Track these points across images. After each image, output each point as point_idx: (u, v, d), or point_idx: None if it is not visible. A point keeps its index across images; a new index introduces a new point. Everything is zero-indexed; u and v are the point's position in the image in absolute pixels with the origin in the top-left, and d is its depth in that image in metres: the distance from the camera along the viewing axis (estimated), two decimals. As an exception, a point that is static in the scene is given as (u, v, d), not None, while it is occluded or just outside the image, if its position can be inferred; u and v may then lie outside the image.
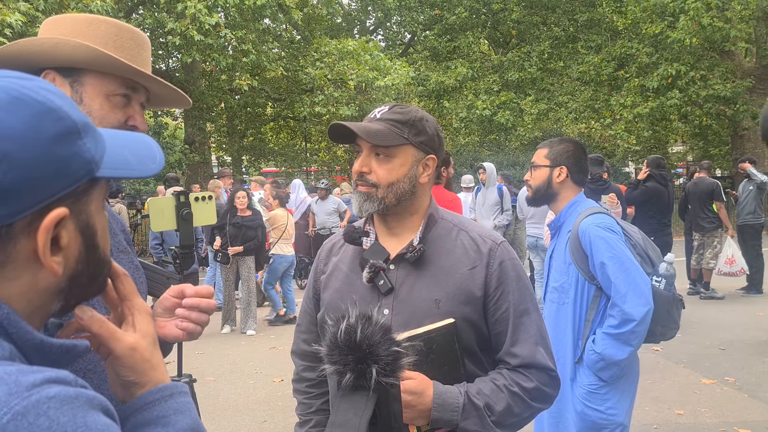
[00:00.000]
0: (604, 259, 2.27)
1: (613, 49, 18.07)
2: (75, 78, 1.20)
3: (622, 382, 2.35)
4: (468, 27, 20.43)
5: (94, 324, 0.82)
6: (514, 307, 1.45)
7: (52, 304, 0.75)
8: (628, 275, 2.24)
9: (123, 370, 0.82)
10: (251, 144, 22.19)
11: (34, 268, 0.71)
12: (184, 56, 12.71)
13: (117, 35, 1.25)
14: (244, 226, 7.12)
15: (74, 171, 0.71)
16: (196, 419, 0.81)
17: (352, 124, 1.41)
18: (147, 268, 1.50)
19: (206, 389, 5.18)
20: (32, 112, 0.68)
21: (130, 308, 0.87)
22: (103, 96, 1.21)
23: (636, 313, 2.22)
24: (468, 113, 18.60)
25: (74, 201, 0.73)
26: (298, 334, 1.71)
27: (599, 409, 2.32)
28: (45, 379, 0.61)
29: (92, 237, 0.77)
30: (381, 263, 1.46)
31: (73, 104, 0.74)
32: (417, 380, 1.33)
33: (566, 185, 2.48)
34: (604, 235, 2.29)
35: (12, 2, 9.40)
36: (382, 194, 1.45)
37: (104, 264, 0.81)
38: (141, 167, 0.82)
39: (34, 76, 0.73)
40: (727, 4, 14.58)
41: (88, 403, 0.62)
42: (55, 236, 0.71)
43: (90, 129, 0.75)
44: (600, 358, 2.28)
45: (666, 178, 7.37)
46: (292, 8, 14.23)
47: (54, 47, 1.17)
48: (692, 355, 5.69)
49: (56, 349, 0.73)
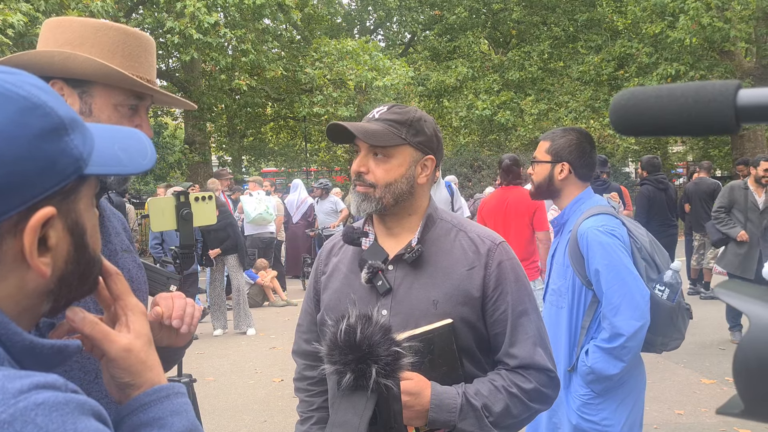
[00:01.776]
0: (599, 266, 2.13)
1: (613, 49, 18.06)
2: (84, 89, 1.20)
3: (620, 392, 2.22)
4: (468, 27, 20.41)
5: (87, 325, 0.79)
6: (512, 307, 1.45)
7: (42, 305, 0.74)
8: (624, 286, 2.09)
9: (118, 371, 0.80)
10: (251, 144, 22.19)
11: (22, 269, 0.68)
12: (183, 55, 12.71)
13: (124, 42, 1.25)
14: (212, 230, 7.01)
15: (62, 168, 0.69)
16: (193, 420, 0.80)
17: (350, 125, 1.41)
18: (147, 268, 1.50)
19: (206, 389, 5.18)
20: (16, 108, 0.65)
21: (123, 308, 0.85)
22: (111, 107, 1.22)
23: (626, 327, 2.07)
24: (468, 113, 18.59)
25: (62, 199, 0.70)
26: (300, 334, 1.71)
27: (593, 420, 2.20)
28: (33, 384, 0.59)
29: (81, 236, 0.75)
30: (379, 264, 1.46)
31: (60, 99, 0.72)
32: (414, 381, 1.33)
33: (570, 181, 2.32)
34: (603, 240, 2.13)
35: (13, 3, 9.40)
36: (379, 194, 1.45)
37: (94, 263, 0.79)
38: (132, 163, 0.79)
39: (18, 70, 0.71)
40: (727, 4, 14.57)
41: (78, 409, 0.60)
42: (42, 236, 0.69)
43: (77, 125, 0.73)
44: (590, 371, 2.16)
45: (662, 180, 7.37)
46: (291, 8, 14.23)
47: (65, 60, 1.16)
48: (692, 355, 5.70)
49: (47, 350, 0.71)
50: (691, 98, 0.50)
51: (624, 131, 0.55)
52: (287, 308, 8.77)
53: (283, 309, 8.74)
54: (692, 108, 0.50)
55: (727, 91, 0.49)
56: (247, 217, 8.86)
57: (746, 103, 0.49)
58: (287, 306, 8.89)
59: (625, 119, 0.54)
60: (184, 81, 15.83)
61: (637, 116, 0.53)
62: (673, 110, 0.51)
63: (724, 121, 0.49)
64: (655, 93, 0.52)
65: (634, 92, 0.54)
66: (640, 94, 0.53)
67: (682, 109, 0.50)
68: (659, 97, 0.52)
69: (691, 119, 0.50)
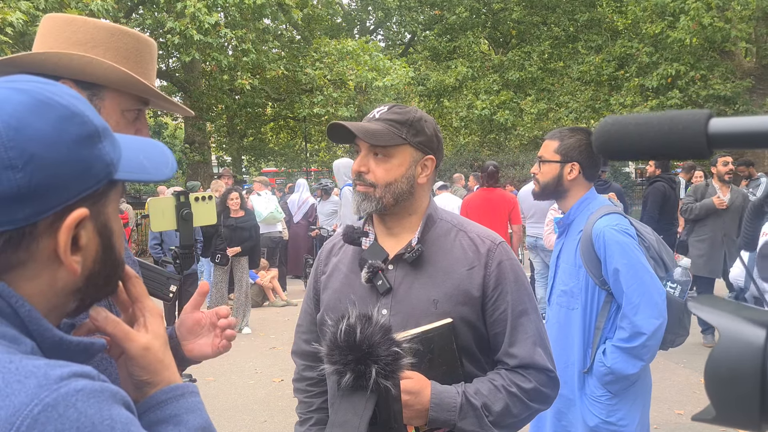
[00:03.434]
0: (619, 265, 2.12)
1: (614, 49, 18.06)
2: (94, 92, 1.21)
3: (632, 391, 2.23)
4: (468, 27, 20.41)
5: (109, 324, 0.83)
6: (512, 307, 1.45)
7: (69, 303, 0.78)
8: (642, 285, 2.09)
9: (136, 369, 0.84)
10: (251, 144, 22.18)
11: (54, 267, 0.73)
12: (183, 55, 12.71)
13: (137, 49, 1.27)
14: (239, 228, 7.10)
15: (95, 173, 0.74)
16: (206, 419, 0.83)
17: (351, 124, 1.42)
18: (147, 268, 1.50)
19: (206, 389, 5.18)
20: (58, 116, 0.71)
21: (141, 309, 0.89)
22: (119, 112, 1.24)
23: (647, 326, 2.08)
24: (468, 113, 18.59)
25: (94, 202, 0.75)
26: (299, 335, 1.71)
27: (610, 421, 2.20)
28: (72, 372, 0.64)
29: (109, 238, 0.79)
30: (379, 263, 1.46)
31: (93, 109, 0.77)
32: (414, 380, 1.33)
33: (577, 182, 2.30)
34: (620, 240, 2.13)
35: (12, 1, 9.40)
36: (380, 194, 1.45)
37: (119, 265, 0.83)
38: (156, 171, 0.85)
39: (57, 82, 0.76)
40: (727, 4, 14.57)
41: (112, 397, 0.65)
42: (74, 236, 0.73)
43: (109, 133, 0.78)
44: (609, 372, 2.16)
45: (674, 179, 7.38)
46: (292, 8, 14.23)
47: (86, 66, 1.17)
48: (692, 355, 5.70)
49: (74, 347, 0.75)
50: (666, 126, 0.55)
51: (608, 155, 0.60)
52: (287, 308, 8.78)
53: (283, 309, 8.74)
54: (668, 135, 0.55)
55: (699, 120, 0.54)
56: (258, 217, 8.90)
57: (717, 131, 0.53)
58: (287, 306, 8.90)
59: (608, 145, 0.59)
60: (184, 81, 15.83)
61: (618, 142, 0.58)
62: (651, 137, 0.56)
63: (697, 148, 0.54)
64: (634, 121, 0.57)
65: (616, 120, 0.59)
66: (621, 122, 0.58)
67: (658, 136, 0.55)
68: (638, 125, 0.57)
69: (668, 144, 0.55)
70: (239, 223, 7.12)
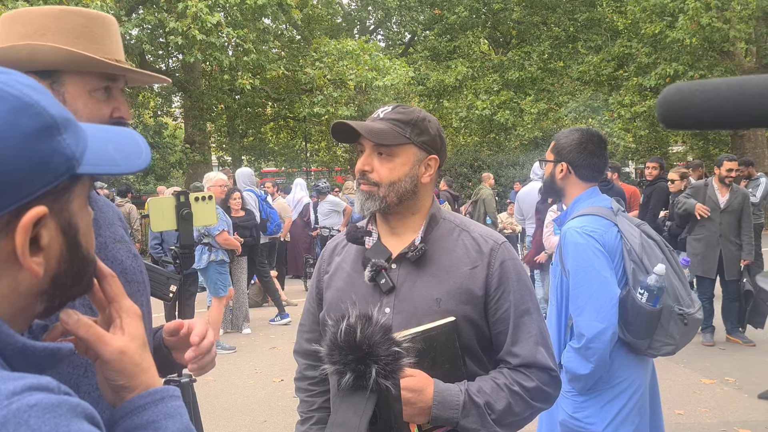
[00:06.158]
0: (570, 267, 2.17)
1: (613, 49, 18.08)
2: (54, 79, 1.17)
3: (608, 393, 2.17)
4: (468, 27, 20.42)
5: (81, 328, 0.79)
6: (514, 306, 1.46)
7: (35, 306, 0.73)
8: (590, 288, 2.10)
9: (112, 374, 0.80)
10: (251, 144, 22.20)
11: (14, 269, 0.68)
12: (187, 56, 12.71)
13: (87, 26, 1.21)
14: (240, 227, 7.10)
15: (54, 168, 0.68)
16: (187, 424, 0.80)
17: (356, 123, 1.42)
18: (147, 268, 1.50)
19: (206, 389, 5.18)
20: (8, 107, 0.65)
21: (118, 310, 0.84)
22: (86, 94, 1.19)
23: (588, 329, 2.08)
24: (468, 113, 18.61)
25: (54, 199, 0.70)
26: (302, 334, 1.71)
27: (576, 417, 2.21)
28: (26, 386, 0.59)
29: (74, 236, 0.74)
30: (383, 262, 1.46)
31: (52, 99, 0.72)
32: (417, 378, 1.33)
33: (570, 181, 2.32)
34: (577, 241, 2.15)
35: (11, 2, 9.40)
36: (383, 193, 1.45)
37: (88, 263, 0.78)
38: (126, 163, 0.79)
39: (10, 70, 0.70)
40: (726, 4, 14.58)
41: (71, 411, 0.60)
42: (35, 236, 0.68)
43: (70, 124, 0.72)
44: (565, 369, 2.18)
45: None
46: (292, 7, 14.24)
47: (31, 54, 1.13)
48: (692, 355, 5.70)
49: (39, 353, 0.70)
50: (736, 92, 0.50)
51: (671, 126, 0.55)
52: (287, 308, 8.77)
53: (283, 309, 8.73)
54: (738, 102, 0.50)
55: None
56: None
57: None
58: (286, 306, 8.88)
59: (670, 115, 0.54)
60: (184, 81, 15.83)
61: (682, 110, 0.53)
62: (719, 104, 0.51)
63: None
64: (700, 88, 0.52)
65: (680, 87, 0.54)
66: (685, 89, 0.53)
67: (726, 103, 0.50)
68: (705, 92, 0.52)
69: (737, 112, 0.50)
70: (241, 223, 7.13)
